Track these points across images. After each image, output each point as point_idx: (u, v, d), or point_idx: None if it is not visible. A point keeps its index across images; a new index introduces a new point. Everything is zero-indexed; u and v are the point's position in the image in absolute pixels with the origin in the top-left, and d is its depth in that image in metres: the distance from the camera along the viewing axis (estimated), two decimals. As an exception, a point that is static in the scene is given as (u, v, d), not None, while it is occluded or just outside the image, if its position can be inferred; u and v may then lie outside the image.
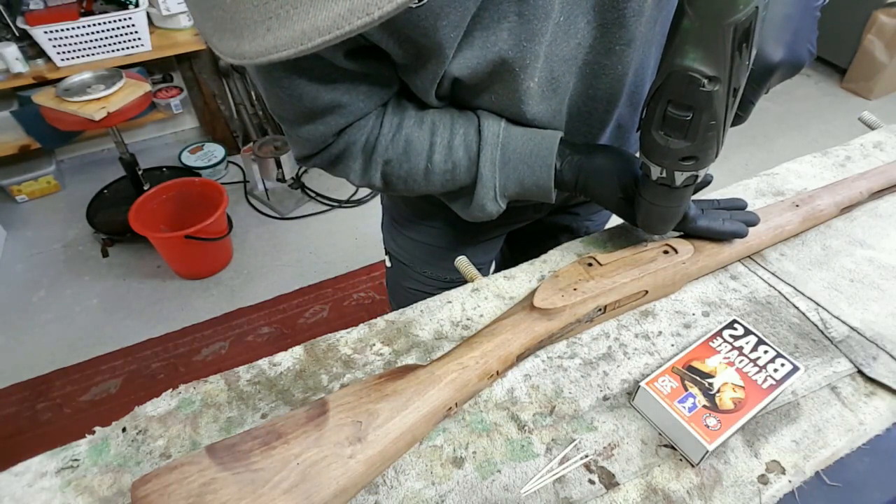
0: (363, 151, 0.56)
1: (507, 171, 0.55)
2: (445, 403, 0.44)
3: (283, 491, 0.37)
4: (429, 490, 0.42)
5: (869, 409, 0.47)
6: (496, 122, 0.54)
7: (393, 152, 0.55)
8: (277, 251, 2.10)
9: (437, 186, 0.57)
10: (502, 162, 0.55)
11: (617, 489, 0.42)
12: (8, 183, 2.26)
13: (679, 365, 0.47)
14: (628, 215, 0.55)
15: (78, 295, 1.94)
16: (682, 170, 0.46)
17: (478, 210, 0.57)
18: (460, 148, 0.55)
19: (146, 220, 1.86)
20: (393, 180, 0.58)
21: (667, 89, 0.41)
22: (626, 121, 0.63)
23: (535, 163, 0.54)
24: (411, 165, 0.56)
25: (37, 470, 0.44)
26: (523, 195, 0.57)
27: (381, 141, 0.55)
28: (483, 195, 0.56)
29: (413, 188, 0.58)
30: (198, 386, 0.49)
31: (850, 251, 0.62)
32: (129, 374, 1.69)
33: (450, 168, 0.55)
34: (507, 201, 0.57)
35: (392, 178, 0.57)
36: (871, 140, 0.80)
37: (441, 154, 0.55)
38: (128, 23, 1.94)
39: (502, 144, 0.54)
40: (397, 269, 0.86)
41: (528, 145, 0.54)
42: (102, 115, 1.70)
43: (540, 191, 0.55)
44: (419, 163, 0.55)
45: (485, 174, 0.55)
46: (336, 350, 0.53)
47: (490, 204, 0.57)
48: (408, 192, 0.59)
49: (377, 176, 0.57)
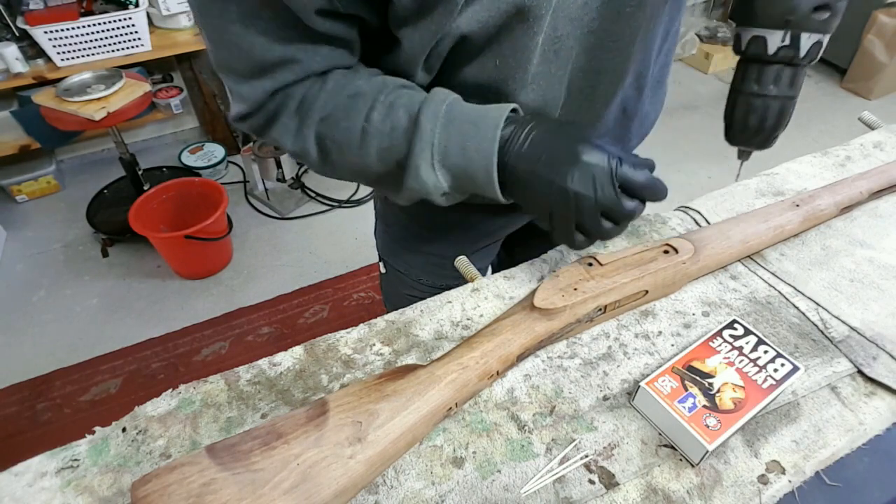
0: (299, 107, 0.50)
1: (449, 131, 0.47)
2: (445, 403, 0.44)
3: (284, 491, 0.37)
4: (429, 490, 0.42)
5: (869, 409, 0.47)
6: (448, 92, 0.49)
7: (332, 106, 0.50)
8: (277, 251, 2.10)
9: (373, 156, 0.50)
10: (446, 119, 0.47)
11: (617, 489, 0.42)
12: (8, 183, 2.26)
13: (679, 365, 0.47)
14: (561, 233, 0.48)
15: (78, 295, 1.94)
16: (811, 29, 0.39)
17: (412, 179, 0.49)
18: (401, 108, 0.48)
19: (146, 220, 1.86)
20: (327, 144, 0.51)
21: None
22: (631, 105, 0.60)
23: (481, 122, 0.47)
24: (349, 125, 0.50)
25: (37, 470, 0.44)
26: (464, 170, 0.48)
27: (321, 95, 0.50)
28: (418, 155, 0.48)
29: (348, 158, 0.51)
30: (198, 386, 0.49)
31: (850, 251, 0.62)
32: (129, 374, 1.69)
33: (387, 130, 0.49)
34: (447, 177, 0.49)
35: (326, 142, 0.51)
36: (871, 140, 0.80)
37: (380, 112, 0.49)
38: (128, 23, 1.94)
39: (449, 103, 0.48)
40: (392, 276, 0.85)
41: (478, 110, 0.48)
42: (102, 115, 1.70)
43: (482, 159, 0.47)
44: (356, 122, 0.49)
45: (424, 127, 0.47)
46: (336, 350, 0.53)
47: (426, 169, 0.48)
48: (342, 167, 0.52)
49: (311, 138, 0.51)
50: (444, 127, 0.47)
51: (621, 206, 0.46)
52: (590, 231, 0.47)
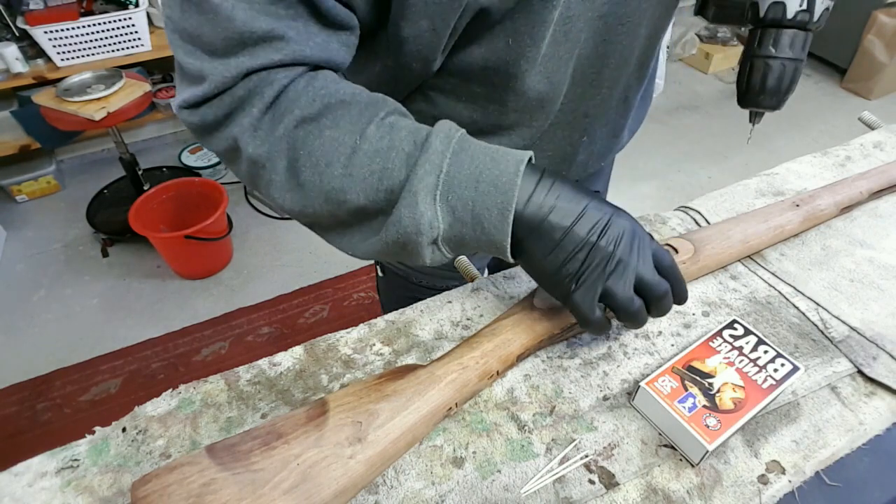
0: (277, 99, 0.41)
1: (462, 159, 0.40)
2: (446, 403, 0.44)
3: (284, 491, 0.37)
4: (429, 490, 0.42)
5: (869, 409, 0.47)
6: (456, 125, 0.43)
7: (319, 108, 0.41)
8: (277, 251, 2.10)
9: (359, 180, 0.41)
10: (459, 146, 0.41)
11: (617, 489, 0.42)
12: (8, 183, 2.26)
13: (679, 365, 0.47)
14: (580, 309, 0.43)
15: (78, 295, 1.94)
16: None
17: (406, 209, 0.40)
18: (404, 130, 0.41)
19: (146, 220, 1.86)
20: (301, 156, 0.41)
21: None
22: (632, 94, 0.60)
23: (501, 157, 0.41)
24: (337, 135, 0.41)
25: (37, 470, 0.44)
26: (472, 209, 0.40)
27: (308, 91, 0.42)
28: (421, 179, 0.39)
29: (324, 179, 0.42)
30: (198, 386, 0.49)
31: (850, 251, 0.62)
32: (129, 374, 1.69)
33: (384, 148, 0.40)
34: (447, 215, 0.40)
35: (301, 153, 0.41)
36: (871, 140, 0.80)
37: (379, 128, 0.41)
38: (128, 23, 1.94)
39: (463, 133, 0.42)
40: (391, 278, 0.83)
41: (493, 146, 0.42)
42: (102, 115, 1.71)
43: (498, 196, 0.40)
44: (347, 134, 0.41)
45: (433, 149, 0.40)
46: (336, 350, 0.53)
47: (425, 199, 0.39)
48: (313, 190, 0.42)
49: (282, 143, 0.42)
50: (455, 154, 0.40)
51: (656, 280, 0.43)
52: (619, 302, 0.42)
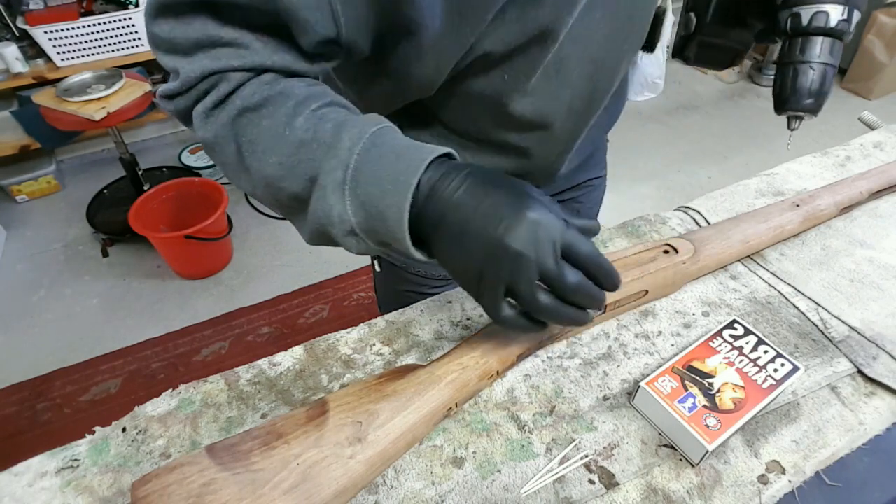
0: (228, 94, 0.44)
1: (369, 155, 0.41)
2: (445, 403, 0.44)
3: (284, 491, 0.37)
4: (429, 490, 0.42)
5: (869, 409, 0.47)
6: (384, 119, 0.45)
7: (259, 99, 0.44)
8: (277, 251, 2.10)
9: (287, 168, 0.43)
10: (370, 142, 0.42)
11: (617, 489, 0.42)
12: (8, 183, 2.26)
13: (679, 365, 0.47)
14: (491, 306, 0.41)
15: (78, 295, 1.94)
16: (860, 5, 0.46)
17: (317, 201, 0.42)
18: (330, 122, 0.43)
19: (146, 220, 1.86)
20: (244, 143, 0.45)
21: None
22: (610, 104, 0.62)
23: (407, 154, 0.41)
24: (271, 124, 0.43)
25: (37, 470, 0.44)
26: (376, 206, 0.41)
27: (252, 84, 0.44)
28: (328, 173, 0.41)
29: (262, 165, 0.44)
30: (198, 386, 0.49)
31: (850, 251, 0.62)
32: (129, 374, 1.69)
33: (308, 139, 0.42)
34: (357, 209, 0.41)
35: (243, 140, 0.45)
36: (871, 140, 0.80)
37: (307, 119, 0.43)
38: (128, 23, 1.94)
39: (381, 128, 0.43)
40: (388, 272, 0.83)
41: (410, 143, 0.43)
42: (102, 114, 1.71)
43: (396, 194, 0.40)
44: (279, 123, 0.43)
45: (342, 144, 0.41)
46: (336, 350, 0.53)
47: (333, 192, 0.41)
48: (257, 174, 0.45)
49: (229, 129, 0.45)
50: (365, 150, 0.41)
51: (563, 275, 0.40)
52: (523, 299, 0.40)
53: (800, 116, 0.52)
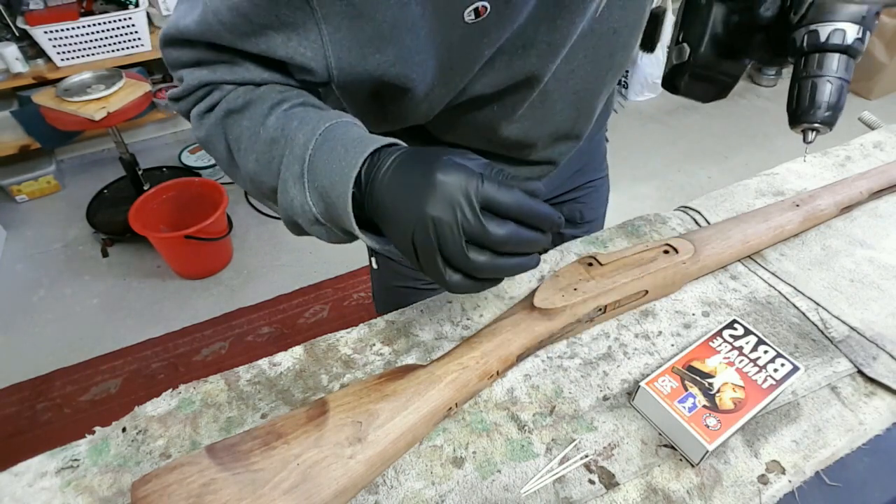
0: (220, 100, 0.49)
1: (322, 149, 0.44)
2: (445, 403, 0.44)
3: (284, 491, 0.37)
4: (429, 490, 0.42)
5: (869, 409, 0.47)
6: (342, 114, 0.47)
7: (241, 101, 0.47)
8: (277, 251, 2.10)
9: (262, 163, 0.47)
10: (323, 137, 0.44)
11: (617, 489, 0.42)
12: (8, 183, 2.26)
13: (679, 365, 0.47)
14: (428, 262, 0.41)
15: (78, 295, 1.94)
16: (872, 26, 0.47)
17: (282, 193, 0.46)
18: (296, 120, 0.46)
19: (146, 220, 1.86)
20: (230, 141, 0.49)
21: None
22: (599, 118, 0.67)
23: (352, 146, 0.43)
24: (249, 124, 0.47)
25: (37, 470, 0.44)
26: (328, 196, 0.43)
27: (238, 90, 0.48)
28: (287, 167, 0.44)
29: (246, 161, 0.48)
30: (198, 386, 0.49)
31: (850, 251, 0.62)
32: (129, 374, 1.69)
33: (277, 137, 0.45)
34: (318, 201, 0.44)
35: (230, 139, 0.49)
36: (871, 140, 0.80)
37: (277, 119, 0.46)
38: (128, 23, 1.94)
39: (336, 123, 0.45)
40: (385, 269, 0.84)
41: (359, 136, 0.45)
42: (102, 115, 1.71)
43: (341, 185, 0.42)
44: (255, 123, 0.47)
45: (297, 140, 0.44)
46: (336, 350, 0.53)
47: (293, 184, 0.44)
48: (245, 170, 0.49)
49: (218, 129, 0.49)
50: (318, 145, 0.44)
51: (485, 230, 0.39)
52: (456, 262, 0.40)
53: (816, 129, 0.53)
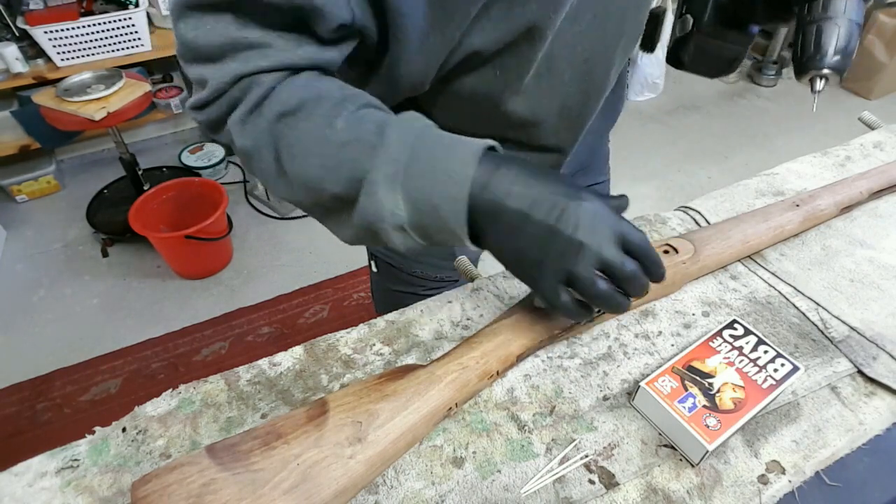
0: (261, 99, 0.45)
1: (419, 149, 0.42)
2: (445, 403, 0.44)
3: (284, 491, 0.37)
4: (429, 490, 0.42)
5: (869, 409, 0.47)
6: (422, 116, 0.46)
7: (296, 102, 0.44)
8: (277, 251, 2.10)
9: (330, 169, 0.44)
10: (418, 137, 0.43)
11: (617, 489, 0.42)
12: (8, 183, 2.26)
13: (679, 365, 0.47)
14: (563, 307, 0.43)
15: (78, 295, 1.94)
16: None
17: (366, 197, 0.42)
18: (371, 122, 0.44)
19: (146, 220, 1.86)
20: (282, 147, 0.45)
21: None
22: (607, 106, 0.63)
23: (458, 146, 0.42)
24: (310, 126, 0.44)
25: (37, 470, 0.44)
26: (429, 198, 0.42)
27: (287, 88, 0.44)
28: (378, 168, 0.42)
29: (302, 167, 0.45)
30: (198, 386, 0.49)
31: (850, 251, 0.62)
32: (129, 374, 1.69)
33: (351, 139, 0.43)
34: (407, 205, 0.42)
35: (282, 144, 0.45)
36: (871, 140, 0.80)
37: (347, 120, 0.43)
38: (128, 23, 1.94)
39: (425, 125, 0.44)
40: (385, 272, 0.83)
41: (454, 136, 0.44)
42: (102, 115, 1.70)
43: (452, 185, 0.41)
44: (319, 125, 0.44)
45: (390, 139, 0.42)
46: (336, 350, 0.53)
47: (384, 187, 0.42)
48: (296, 178, 0.45)
49: (266, 135, 0.45)
50: (413, 145, 0.42)
51: (623, 263, 0.42)
52: (582, 286, 0.42)
53: (824, 76, 0.49)
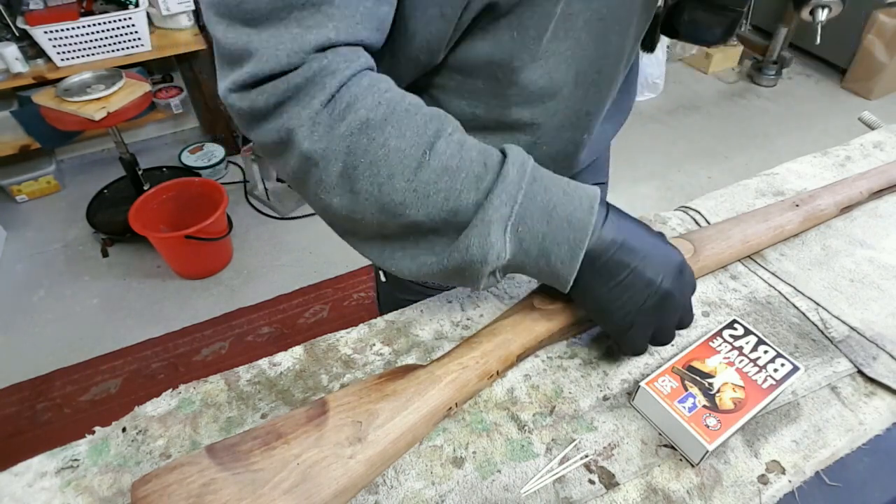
0: (336, 92, 0.38)
1: (535, 190, 0.40)
2: (445, 403, 0.44)
3: (284, 491, 0.37)
4: (429, 490, 0.42)
5: (869, 409, 0.47)
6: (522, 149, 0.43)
7: (385, 112, 0.39)
8: (277, 251, 2.10)
9: (423, 197, 0.40)
10: (532, 176, 0.40)
11: (617, 489, 0.42)
12: (8, 183, 2.26)
13: (679, 365, 0.47)
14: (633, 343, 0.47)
15: (78, 295, 1.94)
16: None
17: (477, 238, 0.39)
18: (474, 150, 0.41)
19: (146, 220, 1.86)
20: (360, 162, 0.39)
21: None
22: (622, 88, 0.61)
23: (574, 191, 0.41)
24: (402, 145, 0.39)
25: (37, 470, 0.44)
26: (541, 242, 0.41)
27: (372, 91, 0.39)
28: (496, 209, 0.39)
29: (384, 189, 0.40)
30: (198, 386, 0.49)
31: (850, 251, 0.62)
32: (129, 374, 1.69)
33: (452, 167, 0.39)
34: (513, 246, 0.40)
35: (360, 159, 0.39)
36: (871, 140, 0.80)
37: (449, 145, 0.40)
38: (128, 23, 1.94)
39: (534, 162, 0.42)
40: (394, 281, 0.83)
41: (562, 178, 0.43)
42: (102, 115, 1.70)
43: (571, 231, 0.40)
44: (414, 146, 0.39)
45: (510, 178, 0.39)
46: (336, 350, 0.53)
47: (497, 229, 0.39)
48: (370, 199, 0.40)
49: (341, 143, 0.38)
50: (529, 185, 0.40)
51: (692, 316, 0.48)
52: (666, 336, 0.47)
53: (826, 6, 0.48)
